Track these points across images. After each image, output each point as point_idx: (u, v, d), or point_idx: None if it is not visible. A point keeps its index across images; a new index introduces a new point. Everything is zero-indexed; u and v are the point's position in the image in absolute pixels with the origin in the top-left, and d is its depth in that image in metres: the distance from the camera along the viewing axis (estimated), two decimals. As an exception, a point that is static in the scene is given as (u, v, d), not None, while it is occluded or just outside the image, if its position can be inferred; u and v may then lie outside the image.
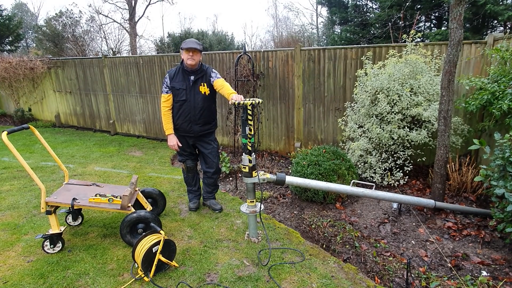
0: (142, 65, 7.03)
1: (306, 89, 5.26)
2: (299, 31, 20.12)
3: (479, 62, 4.06)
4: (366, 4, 12.91)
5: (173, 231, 3.27)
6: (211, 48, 15.87)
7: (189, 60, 3.22)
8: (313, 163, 3.78)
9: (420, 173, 4.44)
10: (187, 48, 3.17)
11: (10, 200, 4.02)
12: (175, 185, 4.54)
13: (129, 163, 5.64)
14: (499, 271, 2.55)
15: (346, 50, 4.81)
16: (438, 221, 3.32)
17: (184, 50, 3.20)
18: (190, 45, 3.18)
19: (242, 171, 2.90)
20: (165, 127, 3.40)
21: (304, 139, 5.50)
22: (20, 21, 15.49)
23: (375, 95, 4.08)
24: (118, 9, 25.00)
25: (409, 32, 4.23)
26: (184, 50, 3.20)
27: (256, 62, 5.53)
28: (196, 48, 3.19)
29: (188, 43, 3.22)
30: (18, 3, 31.21)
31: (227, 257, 2.81)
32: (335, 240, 3.02)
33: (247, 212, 2.97)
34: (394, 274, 2.56)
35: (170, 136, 3.41)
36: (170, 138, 3.41)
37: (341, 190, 3.15)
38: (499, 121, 3.38)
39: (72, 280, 2.50)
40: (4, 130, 2.64)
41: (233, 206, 3.83)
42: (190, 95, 3.29)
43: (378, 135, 3.90)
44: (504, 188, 2.49)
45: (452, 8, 3.06)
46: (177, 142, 3.40)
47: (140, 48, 19.63)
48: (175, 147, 3.41)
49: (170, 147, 3.43)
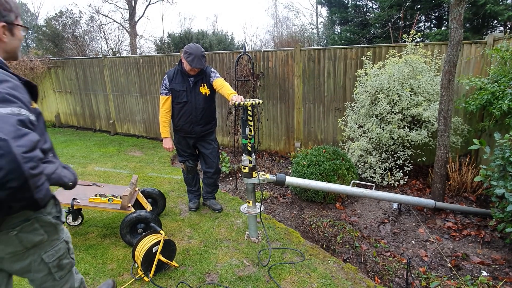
0: (142, 65, 7.03)
1: (306, 89, 5.26)
2: (299, 31, 20.13)
3: (479, 62, 4.06)
4: (366, 4, 12.92)
5: (173, 231, 3.27)
6: (211, 48, 15.87)
7: (191, 72, 3.19)
8: (313, 163, 3.78)
9: (420, 173, 4.44)
10: (194, 67, 3.09)
11: (10, 200, 4.01)
12: (175, 185, 4.54)
13: (129, 163, 5.64)
14: (499, 271, 2.55)
15: (346, 50, 4.81)
16: (438, 221, 3.32)
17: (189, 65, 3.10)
18: (198, 66, 3.08)
19: (242, 171, 2.90)
20: (162, 129, 3.40)
21: (304, 139, 5.50)
22: (20, 21, 15.45)
23: (375, 95, 4.09)
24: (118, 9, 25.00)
25: (409, 32, 4.23)
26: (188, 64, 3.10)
27: (256, 62, 5.53)
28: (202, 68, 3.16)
29: (196, 60, 3.07)
30: (18, 3, 31.19)
31: (227, 257, 2.81)
32: (335, 240, 3.03)
33: (247, 212, 2.97)
34: (394, 274, 2.57)
35: (167, 139, 3.43)
36: (166, 141, 3.44)
37: (341, 190, 3.15)
38: (499, 121, 3.38)
39: (72, 280, 2.50)
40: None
41: (233, 206, 3.83)
42: (191, 97, 3.27)
43: (378, 135, 3.90)
44: (504, 188, 2.49)
45: (452, 8, 3.06)
46: (173, 146, 3.47)
47: (140, 48, 19.64)
48: (170, 150, 3.46)
49: (166, 149, 3.47)
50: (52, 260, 1.50)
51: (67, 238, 1.62)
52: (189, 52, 3.09)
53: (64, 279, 1.61)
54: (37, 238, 1.40)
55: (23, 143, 1.07)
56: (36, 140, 1.13)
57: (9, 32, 1.35)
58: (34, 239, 1.39)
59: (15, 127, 1.08)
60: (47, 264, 1.48)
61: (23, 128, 1.11)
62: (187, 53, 3.10)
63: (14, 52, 1.41)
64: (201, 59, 3.10)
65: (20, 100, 1.18)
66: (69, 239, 1.64)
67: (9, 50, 1.38)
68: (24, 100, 1.21)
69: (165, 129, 3.40)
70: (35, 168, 1.10)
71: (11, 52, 1.40)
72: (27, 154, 1.07)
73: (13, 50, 1.40)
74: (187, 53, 3.10)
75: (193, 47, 3.12)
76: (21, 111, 1.15)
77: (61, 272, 1.58)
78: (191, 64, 3.08)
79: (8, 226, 1.30)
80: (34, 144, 1.11)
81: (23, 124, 1.13)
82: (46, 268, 1.49)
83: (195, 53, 3.08)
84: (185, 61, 3.13)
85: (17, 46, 1.41)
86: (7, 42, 1.35)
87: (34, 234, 1.38)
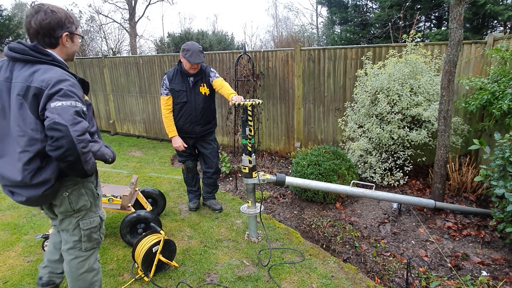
0: (142, 65, 7.03)
1: (306, 89, 5.26)
2: (299, 31, 20.12)
3: (479, 62, 4.06)
4: (366, 4, 12.92)
5: (173, 231, 3.27)
6: (211, 48, 15.87)
7: (191, 70, 3.18)
8: (313, 163, 3.78)
9: (420, 173, 4.44)
10: (193, 63, 3.09)
11: (10, 200, 4.01)
12: (175, 185, 4.54)
13: (129, 163, 5.64)
14: (499, 271, 2.55)
15: (346, 50, 4.81)
16: (438, 221, 3.32)
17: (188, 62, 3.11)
18: (197, 60, 3.08)
19: (242, 172, 2.90)
20: (168, 129, 3.34)
21: (304, 139, 5.50)
22: (20, 21, 15.45)
23: (375, 95, 4.09)
24: (118, 9, 25.00)
25: (409, 32, 4.23)
26: (187, 61, 3.11)
27: (256, 62, 5.53)
28: (201, 63, 3.15)
29: (194, 55, 3.07)
30: (18, 3, 31.20)
31: (227, 257, 2.81)
32: (335, 240, 3.03)
33: (247, 212, 2.97)
34: (394, 274, 2.57)
35: (175, 138, 3.35)
36: (175, 140, 3.36)
37: (341, 190, 3.15)
38: (499, 121, 3.38)
39: (72, 280, 2.50)
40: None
41: (233, 206, 3.83)
42: (191, 97, 3.27)
43: (378, 135, 3.90)
44: (504, 188, 2.49)
45: (452, 8, 3.06)
46: (182, 144, 3.36)
47: (140, 48, 19.64)
48: (181, 148, 3.36)
49: (176, 148, 3.39)
50: (86, 228, 1.85)
51: (103, 216, 1.97)
52: (187, 48, 3.10)
53: (88, 253, 1.90)
54: (82, 203, 1.80)
55: (77, 129, 1.48)
56: (86, 127, 1.54)
57: (70, 40, 1.73)
58: (80, 203, 1.79)
59: (73, 116, 1.49)
60: (80, 231, 1.84)
61: (78, 117, 1.52)
62: (184, 50, 3.11)
63: (72, 56, 1.80)
64: (199, 54, 3.10)
65: (77, 95, 1.57)
66: (104, 218, 1.98)
67: (69, 54, 1.76)
68: (79, 95, 1.60)
69: (171, 128, 3.33)
70: (85, 147, 1.52)
71: (70, 55, 1.78)
72: (80, 137, 1.49)
73: (72, 54, 1.78)
74: (185, 50, 3.11)
75: (190, 44, 3.14)
76: (77, 104, 1.55)
77: (88, 244, 1.89)
78: (190, 60, 3.08)
79: (63, 189, 1.73)
80: (85, 129, 1.53)
81: (78, 114, 1.53)
82: (79, 234, 1.85)
83: (193, 49, 3.09)
84: (184, 59, 3.12)
85: (75, 50, 1.80)
86: (68, 47, 1.74)
87: (80, 198, 1.79)
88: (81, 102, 1.58)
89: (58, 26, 1.65)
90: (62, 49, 1.71)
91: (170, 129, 3.34)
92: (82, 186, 1.80)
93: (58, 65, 1.63)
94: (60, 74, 1.57)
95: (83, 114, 1.57)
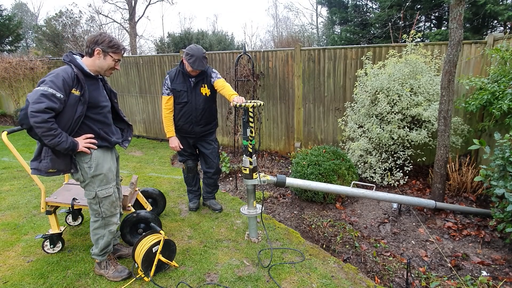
0: (142, 65, 7.03)
1: (306, 89, 5.26)
2: (299, 31, 20.14)
3: (479, 62, 4.07)
4: (366, 4, 12.92)
5: (173, 231, 3.27)
6: (211, 48, 15.87)
7: (193, 73, 3.19)
8: (313, 163, 3.78)
9: (420, 173, 4.44)
10: (195, 69, 3.10)
11: (10, 200, 4.02)
12: (175, 185, 4.54)
13: (129, 163, 5.64)
14: (499, 271, 2.55)
15: (346, 50, 4.81)
16: (438, 221, 3.32)
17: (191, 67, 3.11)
18: (199, 67, 3.09)
19: (243, 172, 2.90)
20: (166, 129, 3.38)
21: (304, 139, 5.50)
22: (20, 21, 15.47)
23: (375, 95, 4.08)
24: (118, 9, 25.02)
25: (409, 32, 4.23)
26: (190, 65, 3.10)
27: (256, 62, 5.53)
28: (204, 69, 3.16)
29: (197, 62, 3.07)
30: (18, 3, 31.20)
31: (227, 257, 2.81)
32: (335, 240, 3.03)
33: (247, 213, 2.97)
34: (394, 274, 2.57)
35: (172, 138, 3.40)
36: (171, 140, 3.41)
37: (341, 191, 3.15)
38: (499, 121, 3.38)
39: (72, 280, 2.50)
40: (4, 130, 2.64)
41: (233, 206, 3.83)
42: (192, 97, 3.27)
43: (378, 135, 3.90)
44: (504, 188, 2.49)
45: (452, 8, 3.06)
46: (179, 144, 3.40)
47: (140, 48, 19.65)
48: (176, 148, 3.41)
49: (172, 148, 3.43)
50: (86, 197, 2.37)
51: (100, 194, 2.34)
52: (191, 53, 3.09)
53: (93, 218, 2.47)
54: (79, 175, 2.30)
55: (34, 107, 1.92)
56: (44, 107, 1.92)
57: (103, 55, 2.19)
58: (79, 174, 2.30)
59: (37, 97, 1.94)
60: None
61: (42, 98, 1.94)
62: (188, 55, 3.10)
63: (102, 70, 2.26)
64: (202, 61, 3.10)
65: (54, 83, 1.99)
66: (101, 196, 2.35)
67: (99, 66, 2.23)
68: (58, 85, 2.00)
69: (169, 129, 3.37)
70: (38, 122, 1.92)
71: (97, 68, 2.23)
72: (34, 113, 1.92)
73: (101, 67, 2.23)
74: (189, 55, 3.10)
75: (194, 48, 3.12)
76: (48, 89, 1.96)
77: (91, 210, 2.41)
78: (192, 66, 3.09)
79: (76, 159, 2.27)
80: (41, 109, 1.92)
81: (45, 97, 1.95)
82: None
83: (197, 55, 3.08)
84: (187, 62, 3.13)
85: (102, 66, 2.23)
86: (97, 61, 2.20)
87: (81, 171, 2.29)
88: (55, 89, 1.97)
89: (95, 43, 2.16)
90: (95, 60, 2.20)
91: (169, 129, 3.37)
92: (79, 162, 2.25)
93: (71, 64, 2.13)
94: (59, 70, 2.02)
95: (52, 97, 1.96)
